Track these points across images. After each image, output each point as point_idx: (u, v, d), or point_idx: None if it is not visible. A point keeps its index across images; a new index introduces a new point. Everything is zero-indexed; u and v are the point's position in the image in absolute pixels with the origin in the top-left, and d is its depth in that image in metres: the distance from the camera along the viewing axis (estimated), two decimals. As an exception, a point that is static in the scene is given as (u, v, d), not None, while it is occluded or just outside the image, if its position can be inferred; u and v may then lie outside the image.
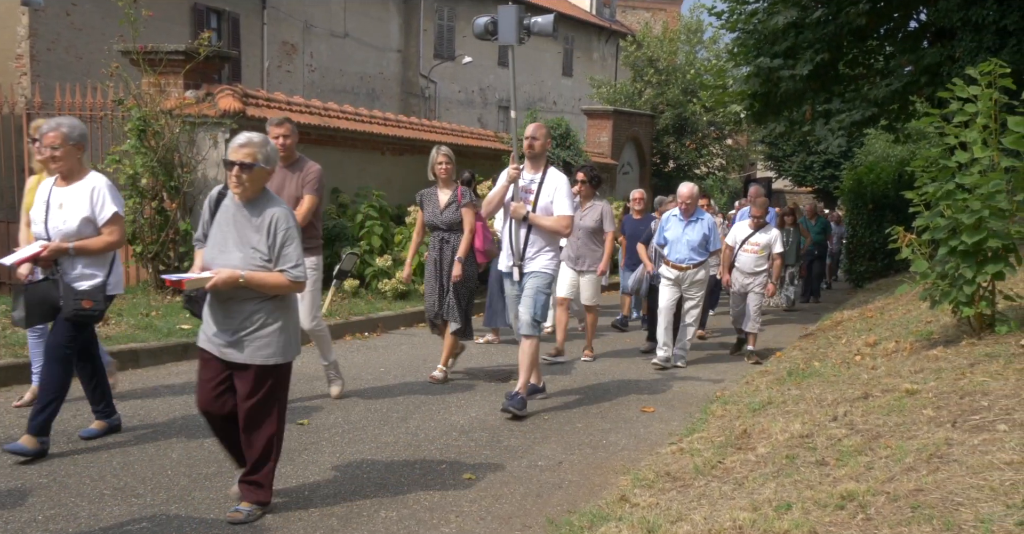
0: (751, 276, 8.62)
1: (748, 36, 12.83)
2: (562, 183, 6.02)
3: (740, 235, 8.78)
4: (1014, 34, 9.69)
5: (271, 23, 20.70)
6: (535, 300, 5.96)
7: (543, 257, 6.03)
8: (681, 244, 8.02)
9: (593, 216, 8.26)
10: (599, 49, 33.66)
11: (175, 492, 4.15)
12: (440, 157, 6.81)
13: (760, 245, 8.63)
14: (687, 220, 8.05)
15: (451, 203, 6.82)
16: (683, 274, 8.01)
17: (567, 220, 6.01)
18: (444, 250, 6.88)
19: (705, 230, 8.03)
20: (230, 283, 3.75)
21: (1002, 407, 3.60)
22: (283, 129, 5.67)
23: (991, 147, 4.89)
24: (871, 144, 25.79)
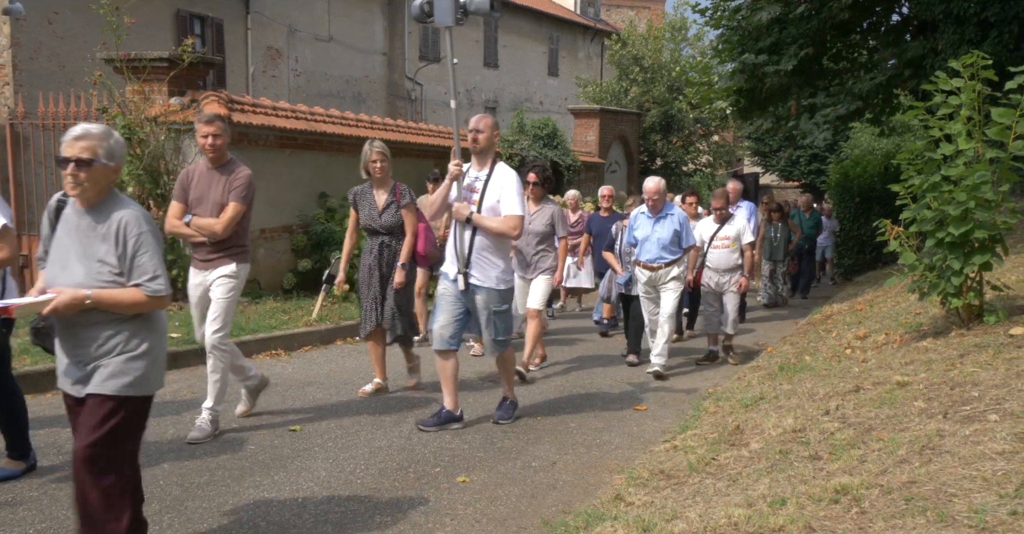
0: (727, 273, 8.20)
1: (732, 32, 12.88)
2: (510, 180, 5.48)
3: (707, 231, 8.36)
4: (995, 26, 9.75)
5: (255, 28, 20.62)
6: (494, 323, 5.49)
7: (493, 270, 5.46)
8: (651, 243, 7.48)
9: (543, 219, 7.50)
10: (584, 48, 33.68)
11: (167, 502, 4.12)
12: (374, 154, 6.23)
13: (730, 238, 8.22)
14: (655, 217, 7.53)
15: (390, 204, 6.31)
16: (656, 274, 7.47)
17: (515, 221, 5.41)
18: (383, 255, 6.33)
19: (676, 226, 7.48)
20: (73, 306, 3.07)
21: (992, 397, 3.61)
22: (213, 127, 5.19)
23: (975, 138, 4.91)
24: (856, 138, 25.89)
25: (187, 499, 4.18)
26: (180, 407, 5.89)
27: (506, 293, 5.55)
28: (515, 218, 5.41)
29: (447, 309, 5.53)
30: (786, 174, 31.80)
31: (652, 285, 7.54)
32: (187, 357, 7.20)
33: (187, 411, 5.77)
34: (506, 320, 5.60)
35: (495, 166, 5.57)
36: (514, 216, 5.41)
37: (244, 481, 4.45)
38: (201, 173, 5.35)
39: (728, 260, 8.18)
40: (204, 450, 4.95)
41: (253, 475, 4.56)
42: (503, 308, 5.52)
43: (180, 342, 7.35)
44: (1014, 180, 4.94)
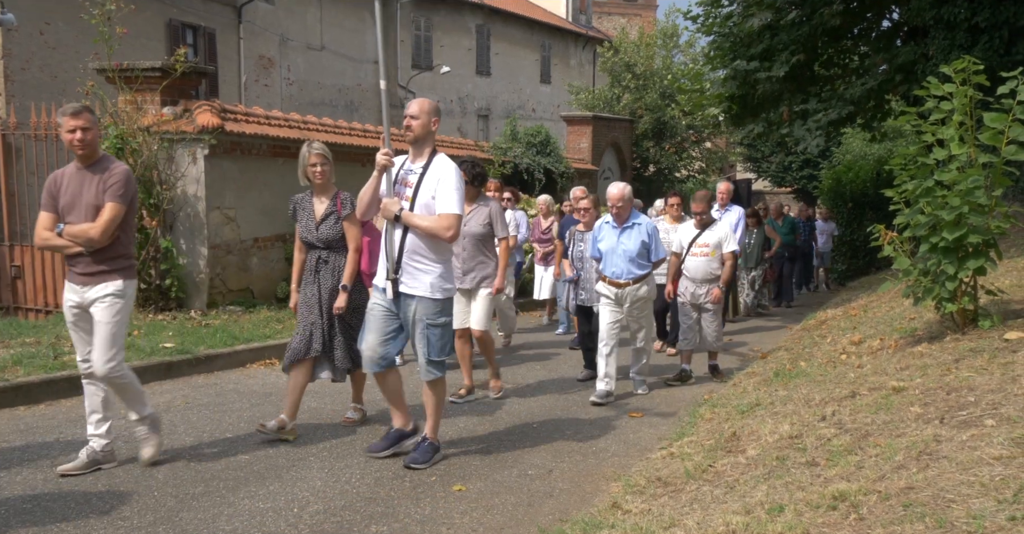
0: (704, 284, 7.50)
1: (724, 39, 12.92)
2: (448, 174, 4.80)
3: (686, 237, 7.65)
4: (985, 31, 9.80)
5: (247, 37, 20.63)
6: (427, 337, 4.80)
7: (427, 275, 4.78)
8: (617, 256, 6.72)
9: (479, 219, 6.60)
10: (576, 55, 33.77)
11: (162, 513, 4.10)
12: (313, 157, 5.46)
13: (710, 245, 7.50)
14: (621, 227, 6.77)
15: (329, 214, 5.49)
16: (622, 292, 6.70)
17: (450, 220, 4.69)
18: (322, 273, 5.51)
19: (643, 237, 6.72)
20: None
21: (989, 402, 3.61)
22: (80, 120, 4.64)
23: (968, 143, 4.92)
24: (848, 143, 25.99)
25: (182, 510, 4.15)
26: (174, 417, 5.86)
27: (443, 304, 4.87)
28: (450, 217, 4.71)
29: (376, 327, 4.88)
30: (778, 180, 31.90)
31: (618, 303, 6.78)
32: (181, 367, 7.17)
33: (181, 423, 5.74)
34: (443, 337, 4.88)
35: (433, 158, 4.90)
36: (449, 215, 4.71)
37: (239, 491, 4.42)
38: (70, 175, 4.72)
39: (706, 269, 7.50)
40: (198, 460, 4.91)
41: (248, 485, 4.53)
42: (440, 321, 4.83)
43: (174, 352, 7.32)
44: (1007, 185, 4.95)
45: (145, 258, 9.05)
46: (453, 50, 27.29)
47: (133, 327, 8.29)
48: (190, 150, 9.42)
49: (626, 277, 6.69)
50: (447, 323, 4.90)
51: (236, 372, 7.40)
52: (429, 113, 4.91)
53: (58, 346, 7.24)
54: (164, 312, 9.15)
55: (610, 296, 6.77)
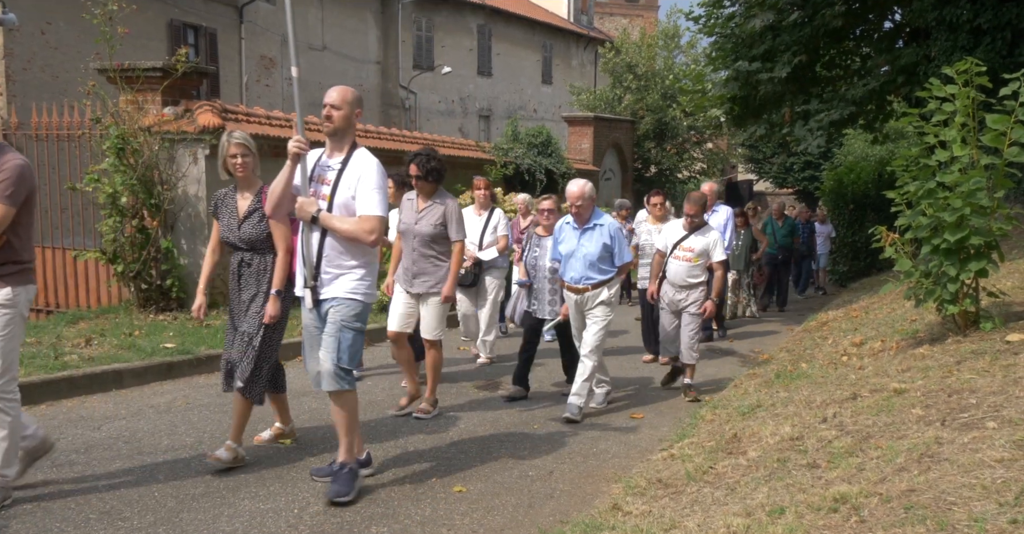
0: (684, 290, 6.95)
1: (726, 40, 12.92)
2: (370, 170, 4.32)
3: (672, 238, 7.08)
4: (988, 33, 9.79)
5: (249, 37, 20.64)
6: (338, 340, 4.29)
7: (347, 277, 4.34)
8: (576, 259, 6.20)
9: (432, 219, 5.98)
10: (578, 56, 33.77)
11: (162, 514, 4.09)
12: (232, 147, 4.84)
13: (695, 251, 6.91)
14: (582, 228, 6.25)
15: (253, 211, 4.89)
16: (581, 298, 6.22)
17: (372, 223, 4.23)
18: (244, 277, 4.90)
19: (605, 239, 6.17)
20: None
21: (990, 404, 3.60)
22: None
23: (970, 145, 4.92)
24: (850, 145, 25.97)
25: (182, 511, 4.14)
26: (175, 417, 5.86)
27: (363, 308, 4.38)
28: (372, 219, 4.24)
29: (316, 344, 4.46)
30: (780, 181, 31.88)
31: (579, 310, 6.32)
32: (182, 367, 7.16)
33: (182, 423, 5.74)
34: (355, 343, 4.38)
35: (353, 153, 4.42)
36: (371, 217, 4.25)
37: (240, 492, 4.42)
38: None
39: (686, 275, 6.93)
40: (199, 462, 4.91)
41: (248, 486, 4.52)
42: (356, 326, 4.35)
43: (175, 352, 7.32)
44: (1009, 186, 4.95)
45: (146, 258, 9.05)
46: (454, 50, 27.29)
47: (134, 328, 8.29)
48: (191, 150, 9.42)
49: (584, 282, 6.18)
50: (361, 330, 4.42)
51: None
52: (352, 103, 4.42)
53: (59, 346, 7.24)
54: (165, 312, 9.15)
55: (569, 303, 6.35)
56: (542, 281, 6.78)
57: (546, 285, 6.76)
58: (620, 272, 6.33)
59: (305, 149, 4.28)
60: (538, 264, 6.83)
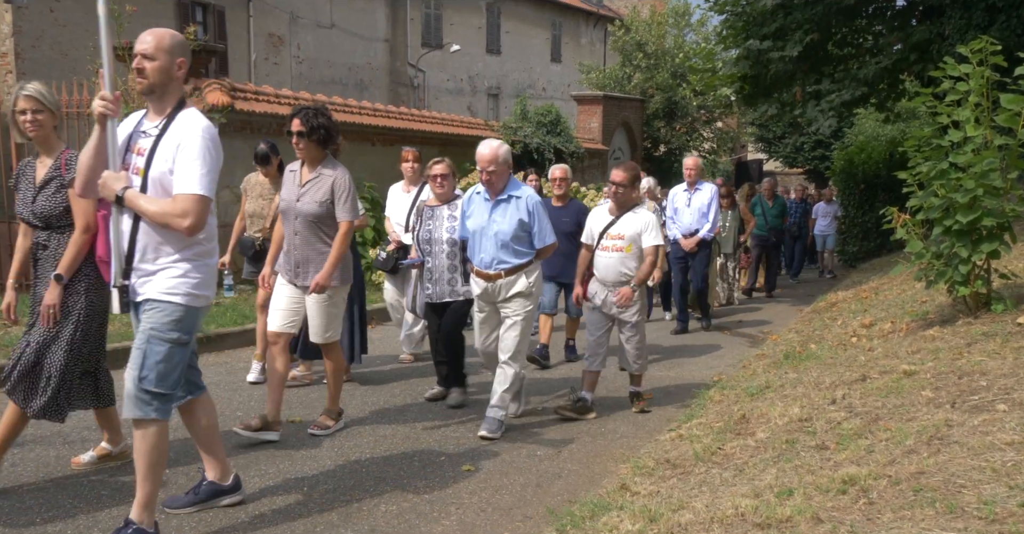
0: (617, 288, 5.65)
1: (736, 18, 12.79)
2: (193, 136, 3.36)
3: (597, 226, 5.82)
4: (1003, 10, 9.67)
5: (257, 15, 20.55)
6: (143, 354, 3.39)
7: (165, 274, 3.42)
8: (487, 238, 5.20)
9: (317, 195, 4.87)
10: (587, 34, 33.54)
11: (173, 490, 4.12)
12: (21, 102, 3.98)
13: (626, 238, 5.64)
14: (494, 200, 5.22)
15: (50, 180, 4.03)
16: (492, 286, 5.22)
17: (187, 204, 3.30)
18: (41, 263, 4.10)
19: (522, 215, 5.15)
20: None
21: (1001, 386, 3.59)
22: None
23: (984, 125, 4.87)
24: (861, 124, 25.78)
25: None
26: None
27: (182, 314, 3.43)
28: (188, 199, 3.30)
29: None
30: (790, 160, 31.71)
31: (489, 301, 5.31)
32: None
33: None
34: (170, 361, 3.43)
35: (176, 115, 3.45)
36: (187, 196, 3.30)
37: (249, 470, 4.45)
38: None
39: (619, 270, 5.66)
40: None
41: (258, 464, 4.56)
42: (171, 337, 3.41)
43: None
44: (1023, 167, 4.90)
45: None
46: (463, 28, 27.13)
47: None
48: (200, 129, 9.41)
49: (496, 267, 5.18)
50: (183, 343, 3.46)
51: (246, 351, 7.42)
52: (171, 51, 3.44)
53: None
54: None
55: (477, 291, 5.35)
56: (439, 257, 5.74)
57: (443, 261, 5.73)
58: (540, 255, 5.32)
59: (113, 110, 3.34)
60: (432, 238, 5.78)
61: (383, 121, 12.86)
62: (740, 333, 9.38)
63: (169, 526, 3.72)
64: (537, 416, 5.68)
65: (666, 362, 7.60)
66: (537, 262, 5.32)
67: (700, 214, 9.04)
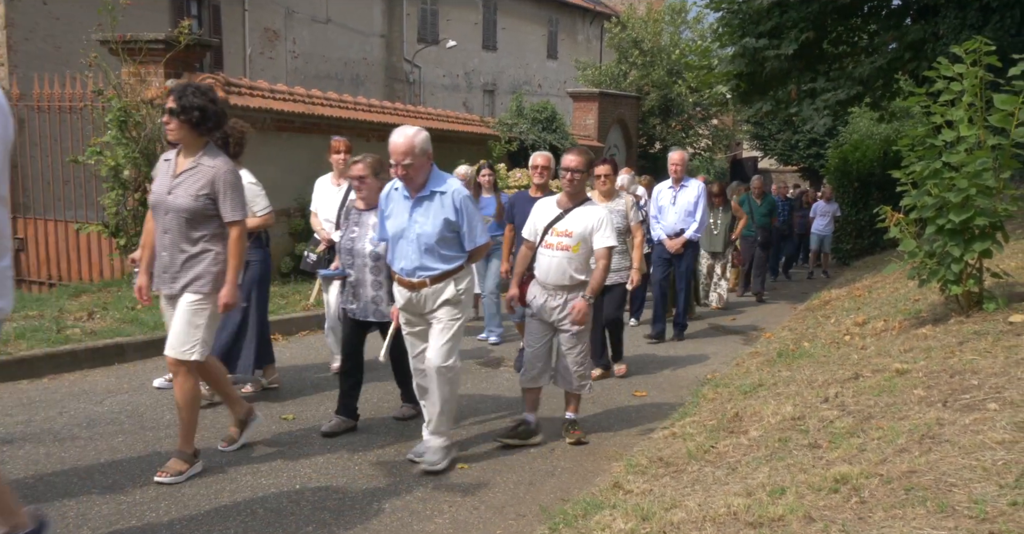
0: (560, 293, 5.00)
1: (732, 16, 12.79)
2: None
3: (541, 220, 5.12)
4: (997, 10, 9.69)
5: (252, 10, 20.46)
6: None
7: None
8: (408, 241, 4.49)
9: (193, 187, 4.18)
10: (584, 31, 33.48)
11: (163, 489, 4.11)
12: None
13: (573, 236, 4.95)
14: (414, 196, 4.48)
15: None
16: (417, 295, 4.50)
17: None
18: None
19: (448, 213, 4.43)
20: None
21: (992, 385, 3.60)
22: None
23: (977, 125, 4.87)
24: (855, 123, 25.82)
25: (184, 485, 4.17)
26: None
27: None
28: None
29: None
30: (785, 158, 31.73)
31: (416, 313, 4.60)
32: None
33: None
34: None
35: None
36: None
37: (241, 467, 4.44)
38: None
39: (562, 272, 4.96)
40: (201, 436, 4.93)
41: (250, 462, 4.55)
42: None
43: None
44: (1016, 167, 4.91)
45: (149, 232, 9.03)
46: (459, 24, 27.05)
47: (136, 302, 8.27)
48: (194, 124, 9.37)
49: (420, 274, 4.47)
50: None
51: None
52: None
53: (61, 319, 7.25)
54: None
55: (401, 301, 4.62)
56: (361, 271, 5.07)
57: (367, 276, 5.05)
58: (472, 258, 4.63)
59: None
60: (354, 249, 5.10)
61: (378, 117, 12.83)
62: (734, 330, 9.39)
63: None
64: (530, 413, 5.67)
65: (660, 358, 7.61)
66: (469, 267, 4.64)
67: (686, 213, 8.40)
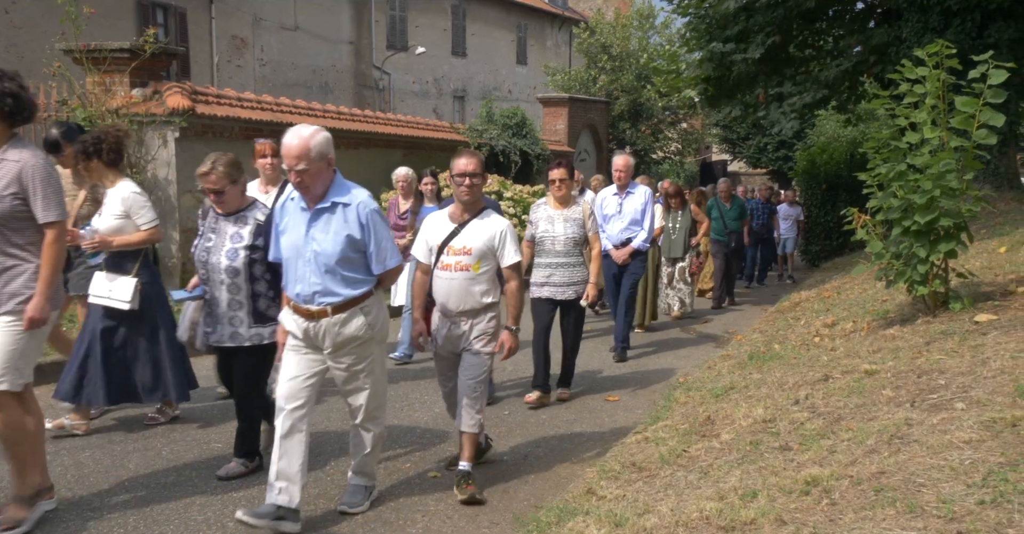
0: (465, 319, 4.37)
1: (699, 21, 12.92)
2: None
3: (435, 237, 4.45)
4: (958, 14, 9.86)
5: (219, 17, 20.32)
6: None
7: None
8: (304, 262, 3.82)
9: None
10: (553, 37, 33.60)
11: (133, 504, 4.05)
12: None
13: (473, 252, 4.35)
14: (312, 208, 3.82)
15: None
16: (315, 326, 3.82)
17: None
18: None
19: (351, 229, 3.80)
20: None
21: (959, 385, 3.64)
22: None
23: (940, 127, 4.94)
24: (822, 125, 26.11)
25: (153, 500, 4.11)
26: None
27: None
28: None
29: None
30: (754, 161, 32.01)
31: (312, 344, 3.88)
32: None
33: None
34: None
35: None
36: None
37: (211, 481, 4.39)
38: None
39: (464, 294, 4.34)
40: (171, 450, 4.87)
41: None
42: None
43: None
44: (978, 168, 4.98)
45: (116, 243, 8.92)
46: (428, 30, 27.04)
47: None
48: (160, 133, 9.28)
49: (320, 301, 3.81)
50: None
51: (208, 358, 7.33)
52: None
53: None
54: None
55: (297, 333, 3.89)
56: (217, 288, 4.36)
57: (222, 294, 4.34)
58: (383, 282, 3.99)
59: None
60: (209, 262, 4.37)
61: (348, 124, 12.78)
62: (705, 333, 9.43)
63: (129, 539, 3.65)
64: (502, 422, 5.66)
65: (632, 362, 7.62)
66: (379, 293, 3.99)
67: (633, 221, 7.70)
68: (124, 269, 4.96)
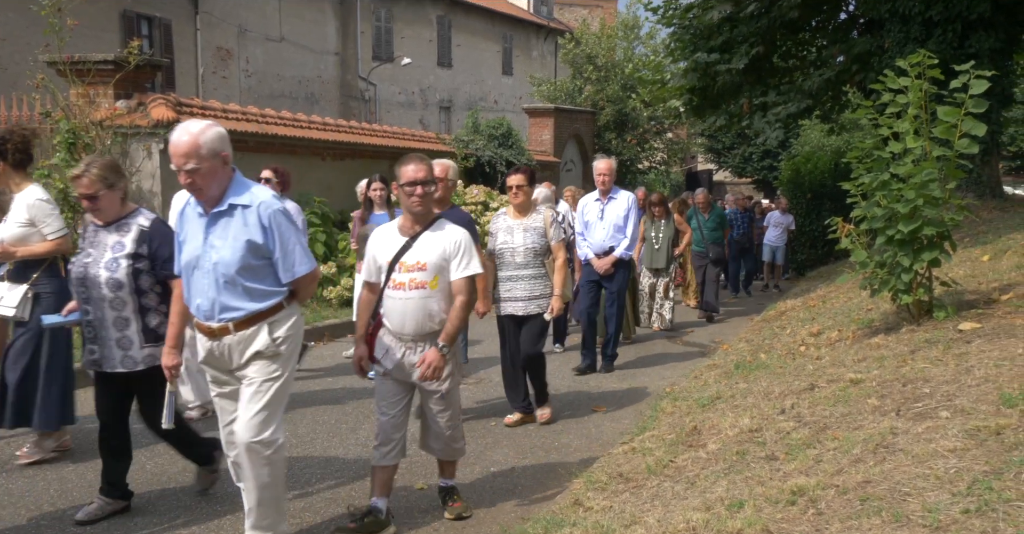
0: (421, 344, 3.92)
1: (684, 31, 13.01)
2: None
3: (384, 253, 3.98)
4: (939, 25, 9.96)
5: (204, 28, 20.30)
6: None
7: None
8: (202, 273, 3.44)
9: None
10: (538, 47, 33.72)
11: (115, 519, 4.01)
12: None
13: (428, 267, 3.88)
14: (209, 213, 3.44)
15: None
16: (219, 345, 3.48)
17: None
18: None
19: (253, 234, 3.41)
20: None
21: (943, 393, 3.65)
22: None
23: (923, 137, 4.97)
24: (807, 135, 26.30)
25: (136, 515, 4.07)
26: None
27: None
28: None
29: None
30: (739, 170, 32.20)
31: (222, 369, 3.57)
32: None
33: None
34: None
35: None
36: None
37: (194, 495, 4.35)
38: None
39: (421, 315, 3.89)
40: (154, 464, 4.83)
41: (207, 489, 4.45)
42: None
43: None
44: (961, 177, 5.02)
45: (100, 255, 8.88)
46: (414, 41, 27.10)
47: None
48: (145, 145, 9.26)
49: (221, 317, 3.44)
50: None
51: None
52: None
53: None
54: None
55: (201, 353, 3.59)
56: (99, 306, 3.94)
57: (106, 312, 3.91)
58: (298, 293, 3.59)
59: None
60: (87, 277, 3.92)
61: (333, 135, 12.77)
62: (692, 343, 9.44)
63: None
64: (489, 433, 5.64)
65: (618, 372, 7.62)
66: (292, 306, 3.57)
67: (615, 228, 7.39)
68: (26, 278, 4.67)
